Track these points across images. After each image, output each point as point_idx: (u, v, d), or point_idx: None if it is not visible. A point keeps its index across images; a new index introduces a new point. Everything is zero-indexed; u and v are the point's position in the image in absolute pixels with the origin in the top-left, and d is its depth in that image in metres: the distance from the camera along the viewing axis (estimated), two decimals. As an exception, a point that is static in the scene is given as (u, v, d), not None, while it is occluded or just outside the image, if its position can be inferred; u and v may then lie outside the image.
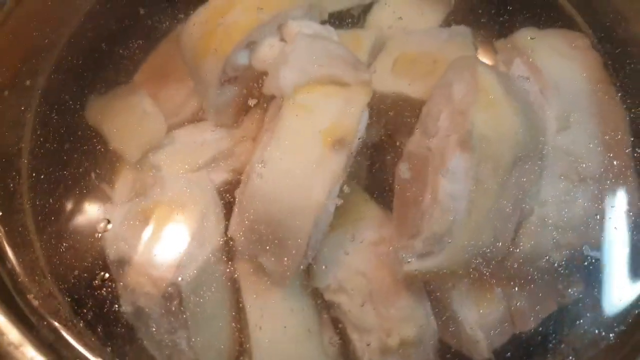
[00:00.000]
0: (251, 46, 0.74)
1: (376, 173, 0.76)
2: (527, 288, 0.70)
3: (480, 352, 0.68)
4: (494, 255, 0.65)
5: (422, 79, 0.77)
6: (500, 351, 0.69)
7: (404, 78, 0.78)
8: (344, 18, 0.88)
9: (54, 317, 0.62)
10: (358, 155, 0.75)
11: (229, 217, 0.69)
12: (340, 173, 0.64)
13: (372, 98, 0.77)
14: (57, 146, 0.73)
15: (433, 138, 0.66)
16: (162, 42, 0.84)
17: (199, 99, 0.79)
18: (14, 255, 0.64)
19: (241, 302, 0.70)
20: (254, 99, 0.76)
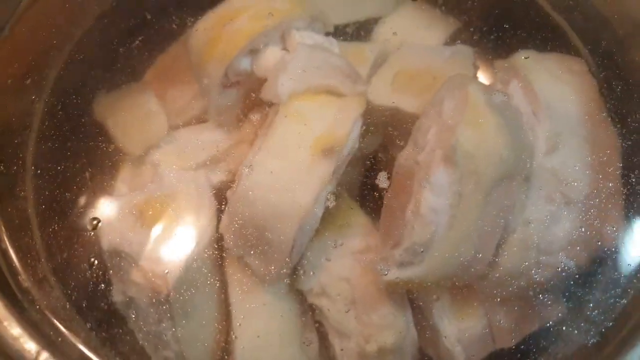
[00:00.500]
0: (254, 53, 0.77)
1: (368, 184, 0.78)
2: (508, 305, 0.71)
3: (457, 366, 0.69)
4: (475, 271, 0.66)
5: (420, 94, 0.79)
6: (479, 366, 0.70)
7: (402, 92, 0.80)
8: (351, 31, 0.91)
9: (44, 300, 0.65)
10: (351, 166, 0.77)
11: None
12: (327, 180, 0.66)
13: (369, 110, 0.79)
14: (62, 138, 0.77)
15: (421, 152, 0.68)
16: (172, 44, 0.88)
17: (203, 101, 0.82)
18: (9, 238, 0.67)
19: (227, 299, 0.72)
20: (255, 103, 0.79)
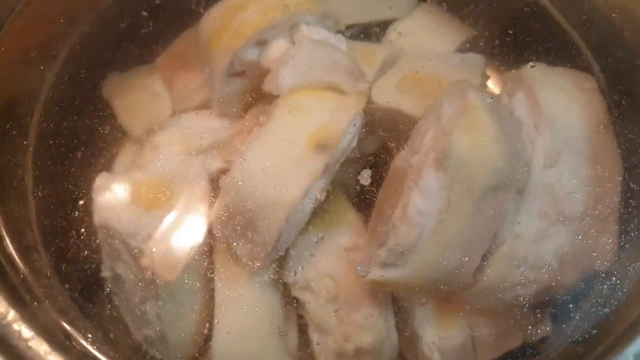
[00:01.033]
0: (262, 44, 0.77)
1: (364, 184, 0.78)
2: (491, 319, 0.71)
3: (434, 373, 0.69)
4: (459, 280, 0.66)
5: (424, 99, 0.79)
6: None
7: (406, 95, 0.80)
8: (364, 32, 0.91)
9: (27, 267, 0.66)
10: (349, 165, 0.78)
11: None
12: (318, 175, 0.67)
13: (372, 110, 0.80)
14: (68, 112, 0.79)
15: (416, 154, 0.67)
16: (186, 31, 0.89)
17: (209, 88, 0.83)
18: (2, 204, 0.69)
19: (213, 286, 0.73)
20: (259, 94, 0.80)
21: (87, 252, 0.73)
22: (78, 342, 0.64)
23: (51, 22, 0.79)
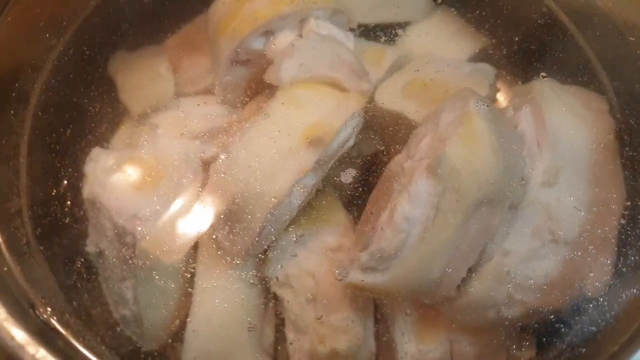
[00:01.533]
0: (269, 35, 0.77)
1: (359, 185, 0.77)
2: (473, 336, 0.69)
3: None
4: (441, 292, 0.64)
5: (428, 104, 0.77)
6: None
7: (410, 100, 0.79)
8: (378, 32, 0.90)
9: (6, 232, 0.67)
10: (346, 165, 0.77)
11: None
12: (307, 169, 0.66)
13: (374, 112, 0.79)
14: (71, 85, 0.79)
15: (410, 159, 0.66)
16: (199, 16, 0.89)
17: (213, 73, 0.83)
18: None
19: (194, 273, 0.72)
20: (263, 84, 0.79)
21: (72, 225, 0.73)
22: (46, 312, 0.63)
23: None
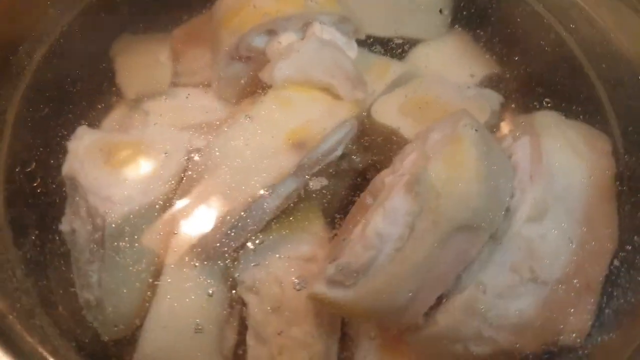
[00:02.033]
0: (272, 34, 0.76)
1: (345, 199, 0.75)
2: (439, 369, 0.66)
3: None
4: (407, 318, 0.62)
5: (424, 123, 0.75)
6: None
7: (406, 117, 0.78)
8: (386, 45, 0.89)
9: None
10: (334, 177, 0.75)
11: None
12: (288, 172, 0.65)
13: (368, 126, 0.78)
14: (71, 61, 0.80)
15: (393, 174, 0.64)
16: (210, 9, 0.89)
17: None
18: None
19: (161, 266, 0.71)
20: (260, 83, 0.79)
21: (48, 202, 0.73)
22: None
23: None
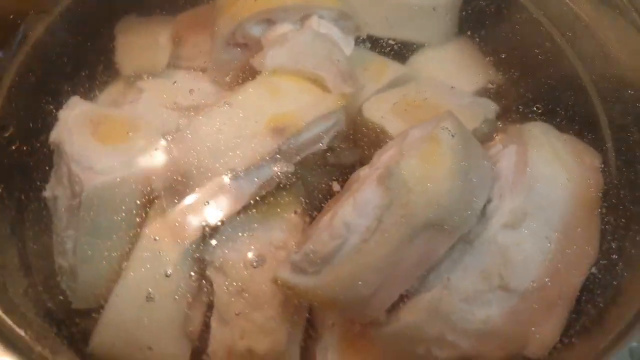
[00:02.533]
0: (270, 23, 0.78)
1: (326, 191, 0.75)
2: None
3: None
4: (369, 312, 0.62)
5: (413, 124, 0.75)
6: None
7: (398, 117, 0.78)
8: (392, 48, 0.89)
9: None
10: (320, 171, 0.76)
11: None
12: (265, 156, 0.66)
13: (359, 124, 0.78)
14: (74, 35, 0.83)
15: (369, 168, 0.64)
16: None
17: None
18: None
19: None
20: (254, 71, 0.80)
21: (33, 168, 0.75)
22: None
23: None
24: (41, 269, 0.75)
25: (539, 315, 0.62)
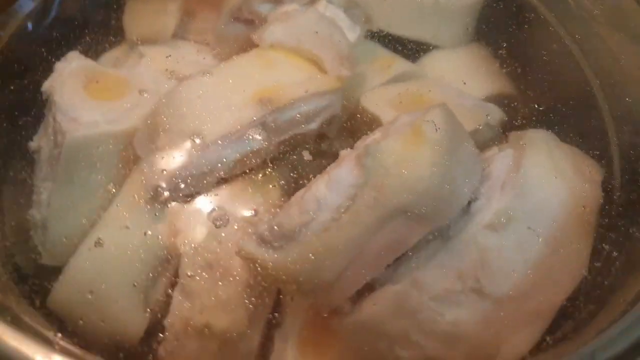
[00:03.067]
0: (277, 2, 0.78)
1: (312, 175, 0.73)
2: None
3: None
4: (332, 297, 0.59)
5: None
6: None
7: (395, 109, 0.76)
8: (406, 45, 0.88)
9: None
10: (317, 157, 0.74)
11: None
12: (247, 124, 0.65)
13: (356, 112, 0.77)
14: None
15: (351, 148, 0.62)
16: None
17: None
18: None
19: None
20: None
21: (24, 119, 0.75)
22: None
23: None
24: (15, 224, 0.75)
25: (512, 325, 0.58)
